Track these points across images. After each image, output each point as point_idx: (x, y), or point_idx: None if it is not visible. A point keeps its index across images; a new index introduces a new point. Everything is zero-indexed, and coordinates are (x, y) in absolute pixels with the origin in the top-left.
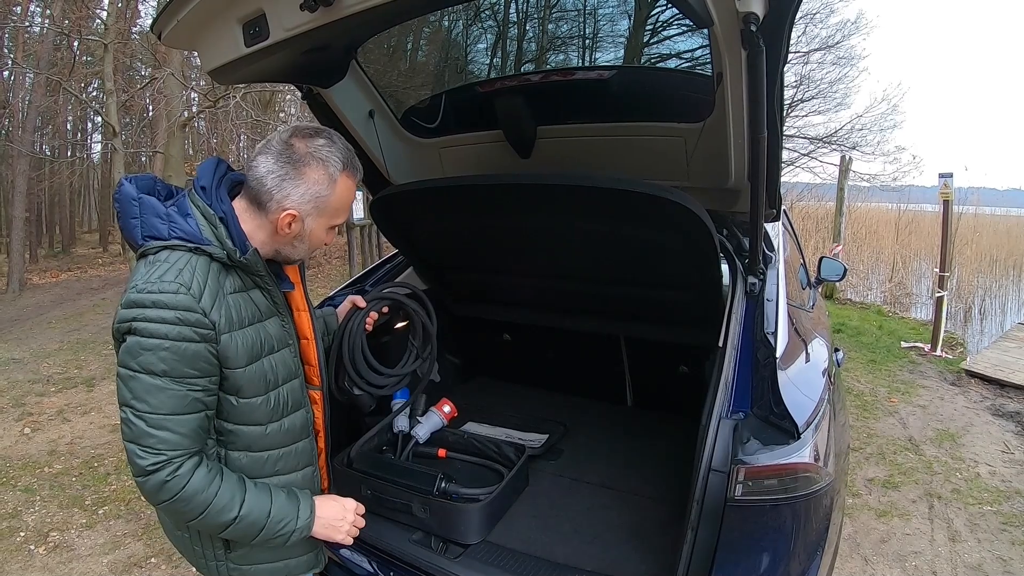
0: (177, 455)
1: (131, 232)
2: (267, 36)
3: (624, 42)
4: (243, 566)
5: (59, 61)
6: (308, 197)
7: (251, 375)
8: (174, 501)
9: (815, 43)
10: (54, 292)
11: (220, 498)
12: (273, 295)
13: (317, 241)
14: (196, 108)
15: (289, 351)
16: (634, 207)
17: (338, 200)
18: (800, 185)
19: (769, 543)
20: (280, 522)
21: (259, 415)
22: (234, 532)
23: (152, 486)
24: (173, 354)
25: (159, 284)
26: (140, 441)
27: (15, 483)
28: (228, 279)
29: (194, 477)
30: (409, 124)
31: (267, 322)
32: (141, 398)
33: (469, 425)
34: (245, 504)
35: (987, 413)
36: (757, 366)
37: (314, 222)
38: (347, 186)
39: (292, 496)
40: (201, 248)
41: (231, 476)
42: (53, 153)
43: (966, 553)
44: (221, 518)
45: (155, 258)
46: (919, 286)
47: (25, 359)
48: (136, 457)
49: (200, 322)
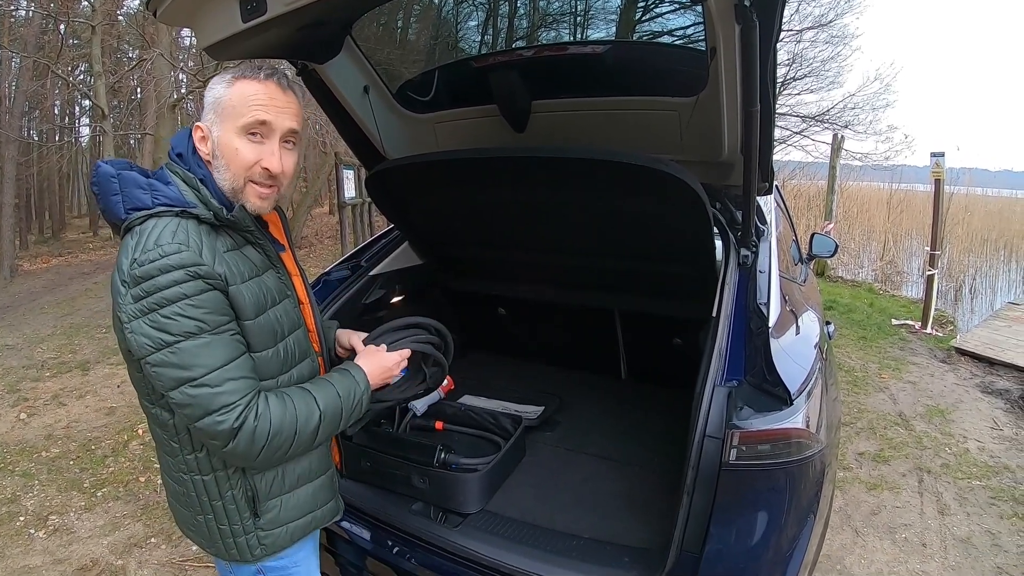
0: (249, 398)
1: (113, 210)
2: (265, 11)
3: (618, 17)
4: (274, 530)
5: (46, 44)
6: (209, 109)
7: (260, 327)
8: (271, 439)
9: (808, 21)
10: (45, 278)
11: (300, 411)
12: (265, 248)
13: (231, 153)
14: (185, 89)
15: (290, 301)
16: (629, 179)
17: (235, 97)
18: (792, 163)
19: (763, 506)
20: (350, 395)
21: (272, 368)
22: (325, 431)
23: (246, 441)
24: (200, 308)
25: (157, 249)
26: (213, 406)
27: (13, 468)
28: (219, 239)
29: (272, 407)
30: (404, 99)
31: (264, 276)
32: (192, 365)
33: (466, 398)
34: (319, 401)
35: (976, 390)
36: (750, 336)
37: (219, 130)
38: (245, 85)
39: (341, 372)
40: (187, 211)
41: (291, 390)
42: (41, 138)
43: (955, 526)
44: (311, 424)
45: (142, 228)
46: (910, 264)
47: (19, 345)
48: (218, 425)
49: (210, 273)
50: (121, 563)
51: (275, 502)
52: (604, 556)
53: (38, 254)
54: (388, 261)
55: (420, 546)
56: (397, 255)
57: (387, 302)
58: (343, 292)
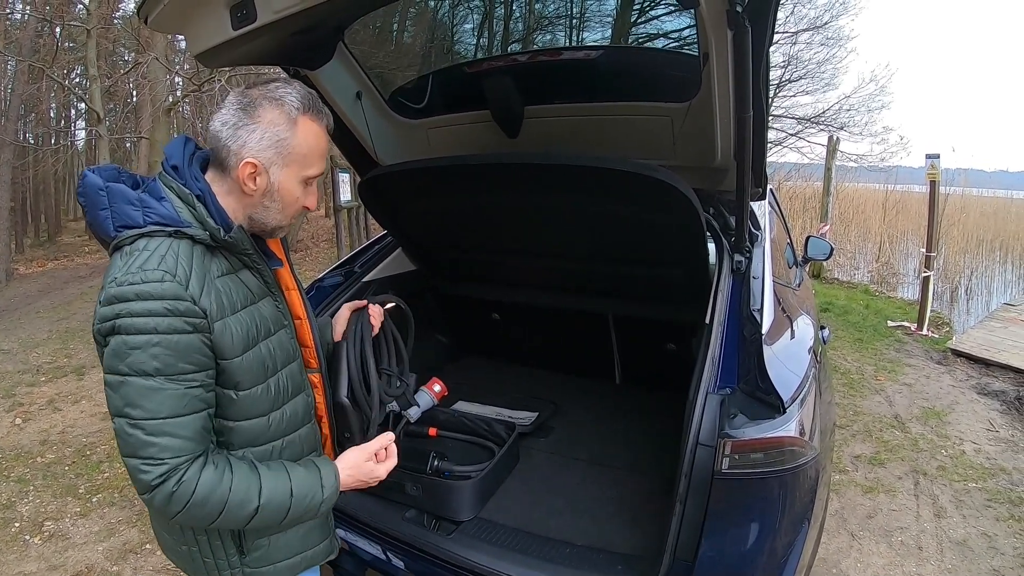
0: (180, 461)
1: (102, 225)
2: (254, 19)
3: (611, 22)
4: (261, 568)
5: (41, 48)
6: (267, 143)
7: (248, 363)
8: (188, 508)
9: (803, 23)
10: (41, 282)
11: (236, 492)
12: (263, 274)
13: (290, 198)
14: (181, 93)
15: (286, 332)
16: (620, 186)
17: (303, 144)
18: (788, 165)
19: (756, 515)
20: (305, 497)
21: (261, 406)
22: (260, 522)
23: (161, 500)
24: (165, 349)
25: (141, 274)
26: (140, 453)
27: (8, 474)
28: (214, 262)
29: (202, 478)
30: (396, 105)
31: (260, 304)
32: (135, 404)
33: (460, 404)
34: (264, 491)
35: (972, 392)
36: (743, 342)
37: (280, 173)
38: (310, 128)
39: (310, 466)
40: (181, 231)
41: (240, 465)
42: (37, 141)
43: (951, 529)
44: (243, 512)
45: (131, 248)
46: (906, 266)
47: (14, 349)
48: (139, 472)
49: (191, 311)
50: (116, 569)
51: (263, 541)
52: (597, 563)
53: (34, 258)
54: (382, 267)
55: (413, 554)
56: (391, 261)
57: None
58: (337, 298)
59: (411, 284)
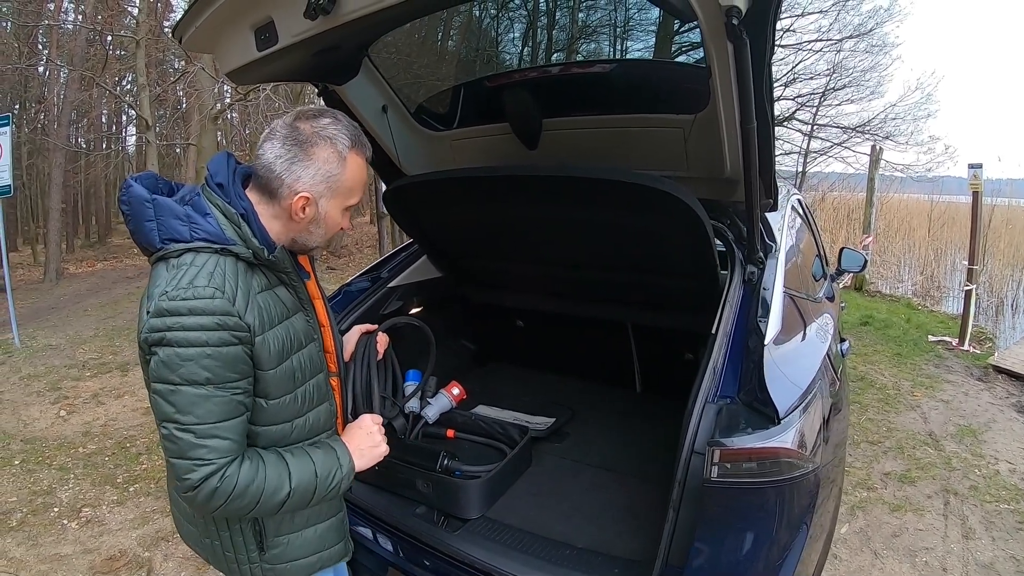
0: (226, 462)
1: (147, 236)
2: (276, 41)
3: (622, 36)
4: (278, 565)
5: (92, 57)
6: (320, 178)
7: (280, 375)
8: (229, 501)
9: (848, 31)
10: (90, 281)
11: (270, 481)
12: (298, 291)
13: (333, 224)
14: (228, 101)
15: (315, 345)
16: (626, 197)
17: (351, 178)
18: (833, 175)
19: (748, 524)
20: (328, 476)
21: (287, 412)
22: (291, 505)
23: (204, 497)
24: (216, 361)
25: (192, 290)
26: (189, 454)
27: (51, 462)
28: (255, 278)
29: (241, 474)
30: (421, 118)
31: (294, 318)
32: (186, 411)
33: (480, 408)
34: (293, 476)
35: (1012, 410)
36: (747, 353)
37: (328, 203)
38: (358, 164)
39: (326, 448)
40: (227, 249)
41: (269, 456)
42: (88, 146)
43: (979, 551)
44: (276, 498)
45: (178, 262)
46: (951, 279)
47: (62, 345)
48: (186, 472)
49: (238, 325)
50: (148, 555)
51: (283, 539)
52: (595, 565)
53: (84, 258)
54: (407, 273)
55: (420, 548)
56: (416, 267)
57: (405, 313)
58: (362, 303)
59: (436, 291)
